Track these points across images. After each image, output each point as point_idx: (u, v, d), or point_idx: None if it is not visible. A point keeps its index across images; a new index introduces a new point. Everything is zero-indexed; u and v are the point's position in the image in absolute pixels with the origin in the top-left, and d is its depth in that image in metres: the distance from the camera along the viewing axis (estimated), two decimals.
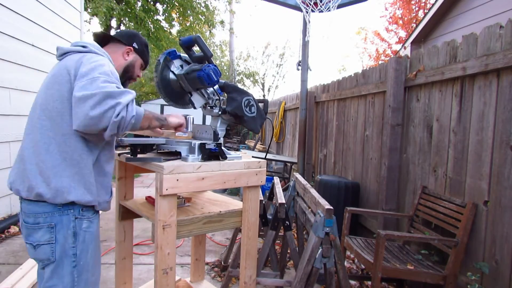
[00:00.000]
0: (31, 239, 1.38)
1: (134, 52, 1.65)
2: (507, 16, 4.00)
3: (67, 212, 1.39)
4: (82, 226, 1.42)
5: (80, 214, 1.41)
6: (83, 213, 1.43)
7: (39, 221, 1.37)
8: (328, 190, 3.73)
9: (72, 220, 1.40)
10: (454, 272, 2.28)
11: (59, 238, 1.37)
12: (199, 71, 1.60)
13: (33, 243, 1.38)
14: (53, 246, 1.37)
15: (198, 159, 1.57)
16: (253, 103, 1.76)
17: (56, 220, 1.37)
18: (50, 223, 1.37)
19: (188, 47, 1.74)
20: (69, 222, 1.39)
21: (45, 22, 4.76)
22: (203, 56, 1.69)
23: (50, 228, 1.37)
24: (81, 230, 1.42)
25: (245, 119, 1.73)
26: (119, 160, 1.92)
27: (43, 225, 1.37)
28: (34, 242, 1.38)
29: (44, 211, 1.37)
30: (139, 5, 10.22)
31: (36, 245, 1.38)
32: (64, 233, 1.38)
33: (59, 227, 1.37)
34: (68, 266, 1.39)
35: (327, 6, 4.26)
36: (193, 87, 1.72)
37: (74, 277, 1.41)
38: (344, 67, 23.03)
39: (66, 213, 1.39)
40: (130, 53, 1.65)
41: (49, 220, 1.37)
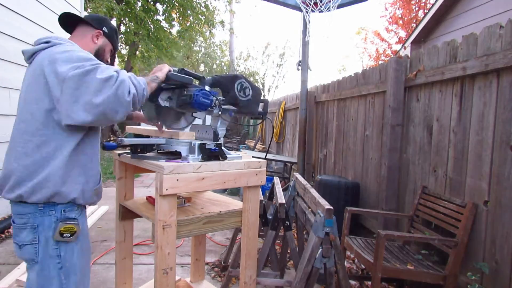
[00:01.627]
0: (18, 239, 1.40)
1: (103, 36, 1.62)
2: (507, 16, 4.01)
3: (48, 213, 1.38)
4: None
5: (61, 214, 1.40)
6: (65, 214, 1.41)
7: (24, 221, 1.38)
8: (328, 190, 3.73)
9: (53, 221, 1.39)
10: (454, 272, 2.28)
11: (41, 239, 1.37)
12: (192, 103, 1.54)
13: (18, 242, 1.40)
14: (36, 246, 1.37)
15: (198, 159, 1.57)
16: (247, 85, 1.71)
17: (38, 221, 1.37)
18: (33, 224, 1.37)
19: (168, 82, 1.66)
20: (51, 223, 1.38)
21: (45, 22, 4.76)
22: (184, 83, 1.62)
23: (33, 229, 1.37)
24: None
25: (241, 105, 1.71)
26: (120, 160, 1.92)
27: (27, 226, 1.37)
28: (20, 242, 1.39)
29: (27, 211, 1.37)
30: (139, 5, 10.22)
31: (21, 245, 1.39)
32: (46, 235, 1.37)
33: (41, 228, 1.37)
34: (54, 268, 1.39)
35: (327, 6, 4.26)
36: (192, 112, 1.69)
37: (62, 279, 1.40)
38: (344, 67, 23.05)
39: (48, 214, 1.38)
40: (99, 37, 1.60)
41: (32, 221, 1.37)
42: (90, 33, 1.59)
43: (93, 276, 2.87)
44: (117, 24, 11.07)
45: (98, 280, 2.81)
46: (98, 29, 1.60)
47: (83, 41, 1.56)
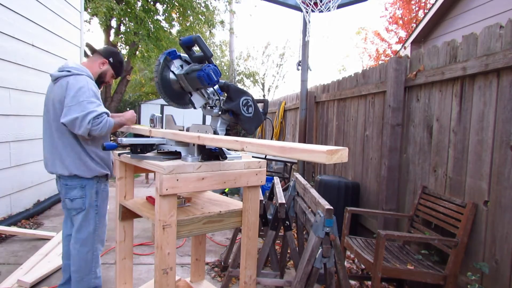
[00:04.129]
0: (69, 195, 2.10)
1: (108, 64, 2.25)
2: (507, 16, 4.01)
3: (91, 178, 2.12)
4: (101, 187, 2.19)
5: (99, 179, 2.17)
6: (100, 178, 2.18)
7: (75, 183, 2.10)
8: (328, 190, 3.73)
9: (95, 183, 2.14)
10: (454, 272, 2.28)
11: (88, 194, 2.12)
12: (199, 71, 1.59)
13: (70, 197, 2.10)
14: (84, 199, 2.11)
15: (198, 159, 1.57)
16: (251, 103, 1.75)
17: (86, 182, 2.11)
18: (81, 184, 2.10)
19: (188, 47, 1.74)
20: (93, 184, 2.14)
21: (45, 22, 4.76)
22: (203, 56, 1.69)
23: (82, 188, 2.10)
24: (100, 190, 2.18)
25: (241, 118, 1.73)
26: (120, 160, 1.92)
27: (77, 185, 2.10)
28: (72, 197, 2.10)
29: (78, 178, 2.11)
30: (139, 5, 10.21)
31: (73, 199, 2.10)
32: (91, 191, 2.13)
33: (88, 187, 2.11)
34: (92, 213, 2.15)
35: (327, 6, 4.26)
36: (193, 87, 1.72)
37: (96, 221, 2.17)
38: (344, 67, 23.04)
39: (91, 178, 2.13)
40: (104, 64, 2.25)
41: (81, 183, 2.10)
42: (98, 60, 2.24)
43: None
44: (117, 24, 11.07)
45: None
46: (105, 58, 2.24)
47: (92, 65, 2.22)
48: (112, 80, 2.34)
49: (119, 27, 11.08)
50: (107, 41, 10.97)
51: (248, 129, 1.78)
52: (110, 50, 2.29)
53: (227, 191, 5.71)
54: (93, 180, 2.12)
